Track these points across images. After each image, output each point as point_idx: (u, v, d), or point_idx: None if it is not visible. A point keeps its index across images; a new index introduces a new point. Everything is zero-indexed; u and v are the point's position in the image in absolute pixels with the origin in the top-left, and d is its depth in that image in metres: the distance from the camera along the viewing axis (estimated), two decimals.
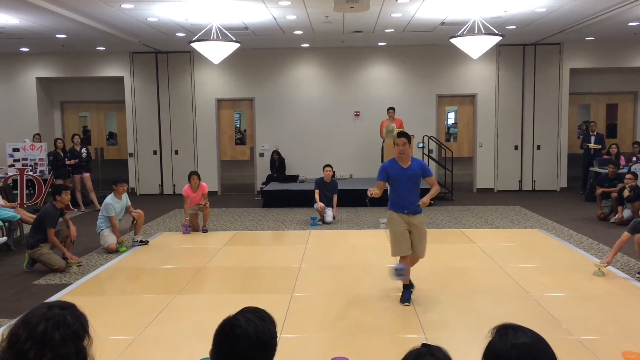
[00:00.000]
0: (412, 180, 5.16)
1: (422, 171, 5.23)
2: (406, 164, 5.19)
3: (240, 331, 1.60)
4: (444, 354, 1.59)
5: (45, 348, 1.54)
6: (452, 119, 13.33)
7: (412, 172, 5.16)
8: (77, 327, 1.61)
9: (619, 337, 4.30)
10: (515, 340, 1.58)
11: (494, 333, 1.65)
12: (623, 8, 8.47)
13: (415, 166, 5.20)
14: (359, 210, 10.39)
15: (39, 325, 1.55)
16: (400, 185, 5.16)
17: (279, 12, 8.79)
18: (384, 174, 5.21)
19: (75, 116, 13.88)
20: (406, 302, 5.10)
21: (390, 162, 5.27)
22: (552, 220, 9.17)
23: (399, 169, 5.17)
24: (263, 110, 12.91)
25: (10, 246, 7.61)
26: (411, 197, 5.16)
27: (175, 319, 4.82)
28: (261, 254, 7.34)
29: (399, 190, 5.18)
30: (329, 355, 3.68)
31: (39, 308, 1.62)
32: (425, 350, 1.58)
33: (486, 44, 8.47)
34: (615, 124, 13.41)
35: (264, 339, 1.62)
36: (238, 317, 1.66)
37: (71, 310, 1.64)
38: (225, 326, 1.64)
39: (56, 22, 9.00)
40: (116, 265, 6.78)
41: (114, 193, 7.74)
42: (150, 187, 13.09)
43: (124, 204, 7.83)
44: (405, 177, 5.15)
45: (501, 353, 1.58)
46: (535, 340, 1.60)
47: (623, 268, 6.21)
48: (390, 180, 5.22)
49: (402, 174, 5.15)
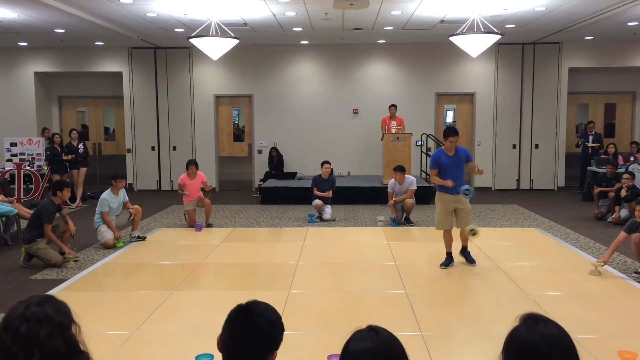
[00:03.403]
0: (458, 165, 6.11)
1: (465, 157, 6.15)
2: (452, 152, 6.09)
3: (256, 307, 1.78)
4: (389, 333, 1.59)
5: (34, 348, 1.52)
6: (450, 117, 13.34)
7: (458, 159, 6.10)
8: (60, 318, 1.59)
9: (615, 336, 4.31)
10: (546, 332, 1.54)
11: (521, 321, 1.62)
12: (622, 8, 8.47)
13: (460, 153, 6.13)
14: (356, 207, 10.39)
15: (22, 327, 1.54)
16: (449, 171, 6.04)
17: (278, 8, 8.78)
18: (436, 163, 6.14)
19: (73, 111, 13.85)
20: (444, 266, 6.21)
21: (439, 153, 6.20)
22: (550, 219, 9.18)
23: (447, 157, 6.10)
24: (261, 107, 12.89)
25: (8, 241, 7.60)
26: (458, 180, 6.05)
27: (172, 315, 4.82)
28: (259, 250, 7.34)
29: (447, 175, 6.03)
30: (325, 353, 3.68)
31: (16, 309, 1.59)
32: (369, 331, 1.59)
33: (485, 43, 8.47)
34: (614, 123, 13.42)
35: (274, 320, 1.78)
36: (252, 300, 1.83)
37: (50, 303, 1.62)
38: (241, 305, 1.80)
39: (55, 16, 8.97)
40: (113, 261, 6.77)
41: (111, 189, 7.71)
42: (148, 183, 13.08)
43: (121, 199, 7.81)
44: (453, 164, 6.08)
45: (529, 343, 1.54)
46: (563, 334, 1.57)
47: (620, 267, 6.23)
48: (440, 167, 6.10)
49: (450, 161, 6.08)
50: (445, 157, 6.10)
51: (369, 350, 1.53)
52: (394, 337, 1.60)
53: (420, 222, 9.00)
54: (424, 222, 9.08)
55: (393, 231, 8.37)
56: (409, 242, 7.81)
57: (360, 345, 1.55)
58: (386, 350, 1.54)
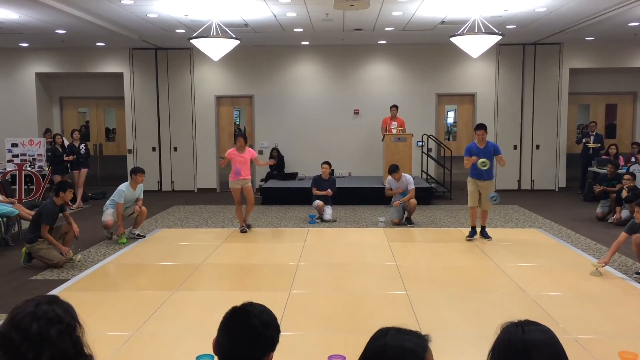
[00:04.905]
0: (487, 156, 7.25)
1: (494, 150, 7.39)
2: (483, 145, 7.39)
3: (251, 308, 1.78)
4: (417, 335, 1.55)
5: (43, 347, 1.51)
6: (451, 118, 13.34)
7: (487, 151, 7.33)
8: (69, 319, 1.58)
9: (616, 336, 4.31)
10: (527, 328, 1.55)
11: (504, 329, 1.61)
12: (623, 8, 8.47)
13: (489, 146, 7.39)
14: (357, 208, 10.39)
15: (32, 326, 1.52)
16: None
17: (279, 9, 8.78)
18: (468, 152, 7.44)
19: (74, 112, 13.86)
20: (469, 238, 7.57)
21: (472, 144, 7.51)
22: (550, 220, 9.18)
23: (478, 149, 7.38)
24: (262, 108, 12.90)
25: (9, 241, 7.60)
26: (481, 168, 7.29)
27: (173, 316, 4.82)
28: (259, 251, 7.34)
29: (476, 163, 7.26)
30: (326, 353, 3.68)
31: (25, 307, 1.57)
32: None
33: (486, 43, 8.47)
34: (615, 124, 13.41)
35: (270, 321, 1.77)
36: (247, 302, 1.82)
37: (58, 303, 1.61)
38: (236, 307, 1.79)
39: (56, 17, 8.98)
40: (114, 261, 6.78)
41: (129, 182, 7.95)
42: (149, 184, 13.02)
43: (136, 195, 7.98)
44: (482, 154, 7.27)
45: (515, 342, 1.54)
46: (545, 331, 1.57)
47: (620, 268, 6.22)
48: (472, 156, 7.32)
49: (480, 152, 7.31)
50: (477, 148, 7.40)
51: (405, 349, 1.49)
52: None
53: (421, 223, 9.00)
54: (425, 222, 9.08)
55: (394, 232, 8.37)
56: (410, 243, 7.81)
57: (400, 344, 1.50)
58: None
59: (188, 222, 9.26)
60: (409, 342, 1.49)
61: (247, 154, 8.31)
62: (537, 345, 1.51)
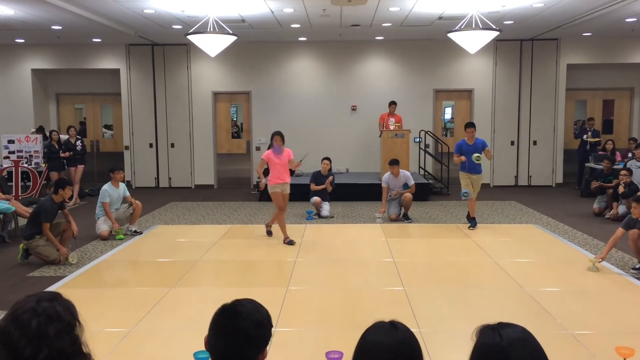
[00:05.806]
0: (475, 152, 7.87)
1: (482, 146, 8.01)
2: (472, 141, 8.01)
3: (242, 308, 1.71)
4: (408, 331, 1.57)
5: (41, 344, 1.51)
6: (449, 113, 13.33)
7: (476, 147, 7.97)
8: (69, 318, 1.58)
9: (613, 332, 4.32)
10: (507, 339, 1.55)
11: (480, 332, 1.62)
12: (620, 4, 8.47)
13: (478, 143, 8.01)
14: (355, 204, 10.39)
15: (32, 322, 1.51)
16: (467, 156, 7.90)
17: (276, 5, 8.76)
18: (458, 149, 8.08)
19: (70, 108, 13.82)
20: (472, 227, 8.09)
21: (462, 142, 8.09)
22: (548, 215, 9.20)
23: (468, 145, 8.00)
24: (260, 104, 12.87)
25: (5, 238, 7.59)
26: (474, 163, 7.91)
27: (170, 312, 4.82)
28: (257, 247, 7.33)
29: (467, 158, 7.89)
30: (323, 349, 3.68)
31: (25, 303, 1.57)
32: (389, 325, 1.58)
33: (483, 39, 8.46)
34: (612, 119, 13.43)
35: (262, 320, 1.71)
36: (237, 300, 1.76)
37: (59, 301, 1.61)
38: (226, 306, 1.73)
39: (52, 13, 8.94)
40: (111, 257, 6.76)
41: (111, 181, 7.93)
42: (146, 180, 13.06)
43: (121, 192, 7.94)
44: (471, 150, 7.90)
45: (493, 346, 1.54)
46: (523, 331, 1.57)
47: (617, 264, 6.24)
48: (462, 152, 7.98)
49: (469, 148, 7.96)
50: (467, 145, 8.01)
51: (382, 344, 1.51)
52: (411, 336, 1.56)
53: (418, 219, 9.00)
54: (422, 218, 9.08)
55: (391, 228, 8.37)
56: (407, 239, 7.82)
57: (376, 338, 1.54)
58: (400, 348, 1.52)
59: (185, 219, 9.24)
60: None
61: (285, 156, 7.26)
62: (516, 347, 1.52)
